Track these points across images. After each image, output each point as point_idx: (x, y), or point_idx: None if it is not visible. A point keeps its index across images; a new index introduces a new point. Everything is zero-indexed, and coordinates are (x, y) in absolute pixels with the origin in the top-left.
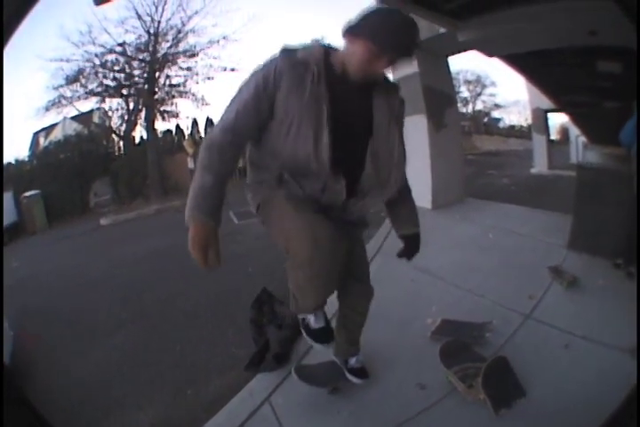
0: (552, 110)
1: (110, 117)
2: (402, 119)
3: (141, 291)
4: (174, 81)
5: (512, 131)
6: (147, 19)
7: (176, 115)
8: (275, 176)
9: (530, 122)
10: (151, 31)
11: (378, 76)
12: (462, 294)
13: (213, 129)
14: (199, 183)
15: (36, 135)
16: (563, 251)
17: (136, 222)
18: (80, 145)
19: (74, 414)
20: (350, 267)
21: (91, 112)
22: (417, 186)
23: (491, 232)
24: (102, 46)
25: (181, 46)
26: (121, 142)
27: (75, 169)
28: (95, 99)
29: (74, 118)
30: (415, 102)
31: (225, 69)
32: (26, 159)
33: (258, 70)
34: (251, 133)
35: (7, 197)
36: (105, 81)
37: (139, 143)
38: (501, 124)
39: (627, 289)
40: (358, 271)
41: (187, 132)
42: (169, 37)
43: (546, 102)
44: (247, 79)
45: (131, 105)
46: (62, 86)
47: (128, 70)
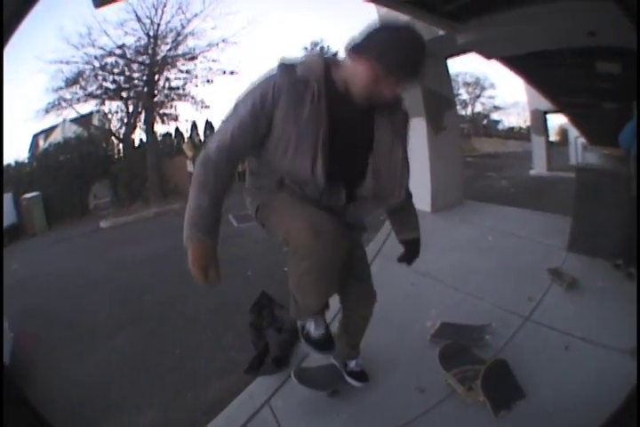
0: (551, 112)
1: (110, 120)
2: (406, 135)
3: (141, 293)
4: (174, 84)
5: (511, 133)
6: (146, 21)
7: (175, 118)
8: (275, 181)
9: (529, 124)
10: (151, 34)
11: (385, 98)
12: (462, 297)
13: (209, 145)
14: (196, 203)
15: (36, 137)
16: (562, 253)
17: (135, 225)
18: (80, 147)
19: (74, 414)
20: (351, 269)
21: (90, 114)
22: (416, 189)
23: (490, 234)
24: (102, 49)
25: (181, 49)
26: (120, 145)
27: (74, 171)
28: (95, 101)
29: (73, 121)
30: (414, 105)
31: (224, 72)
32: (25, 161)
33: (256, 86)
34: (247, 151)
35: (7, 199)
36: (104, 83)
37: (138, 146)
38: (500, 126)
39: (626, 290)
40: (360, 273)
41: (186, 135)
42: (168, 40)
43: (545, 104)
44: (244, 95)
45: (130, 108)
46: (62, 89)
47: (127, 73)
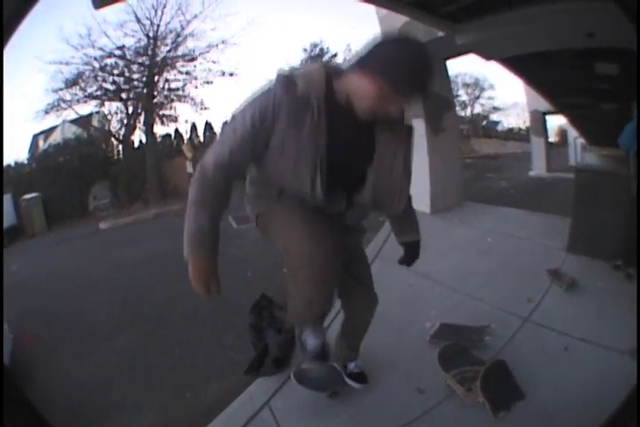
0: (550, 113)
1: (109, 121)
2: (409, 148)
3: (140, 294)
4: (173, 85)
5: (510, 134)
6: (146, 22)
7: (175, 119)
8: (274, 191)
9: (528, 124)
10: (150, 35)
11: (390, 115)
12: (461, 298)
13: (207, 162)
14: (195, 222)
15: (36, 138)
16: (562, 254)
17: (135, 226)
18: (79, 148)
19: (74, 414)
20: (352, 272)
21: (90, 116)
22: (415, 190)
23: (489, 236)
24: (101, 49)
25: (180, 50)
26: (120, 146)
27: (74, 172)
28: (94, 102)
29: (73, 122)
30: (413, 106)
31: (224, 74)
32: (25, 162)
33: (255, 102)
34: (245, 168)
35: (6, 200)
36: (104, 84)
37: (138, 147)
38: (500, 127)
39: (626, 291)
40: (361, 276)
41: (186, 136)
42: (168, 41)
43: (544, 105)
44: (243, 111)
45: (130, 109)
46: (61, 89)
47: (127, 74)
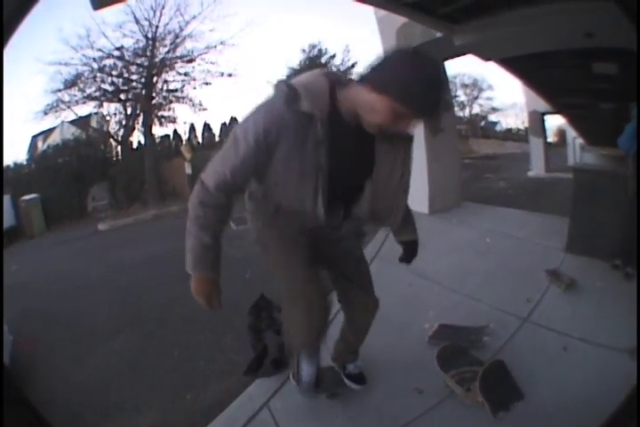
0: (549, 113)
1: (108, 122)
2: (409, 159)
3: (139, 295)
4: (172, 86)
5: (509, 134)
6: (145, 23)
7: (173, 120)
8: (272, 207)
9: (527, 125)
10: (149, 36)
11: (400, 132)
12: (460, 298)
13: (207, 180)
14: (197, 239)
15: (35, 139)
16: (560, 254)
17: (134, 228)
18: (78, 149)
19: (73, 415)
20: (352, 277)
21: (89, 116)
22: (414, 191)
23: (488, 236)
24: (100, 50)
25: (179, 51)
26: (119, 147)
27: (73, 173)
28: (93, 103)
29: (72, 122)
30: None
31: (222, 75)
32: (24, 163)
33: (258, 119)
34: (246, 185)
35: (5, 201)
36: (103, 85)
37: (136, 148)
38: (498, 127)
39: (625, 290)
40: (360, 280)
41: (184, 137)
42: (166, 42)
43: (542, 105)
44: (245, 126)
45: (128, 110)
46: (60, 90)
47: (126, 75)
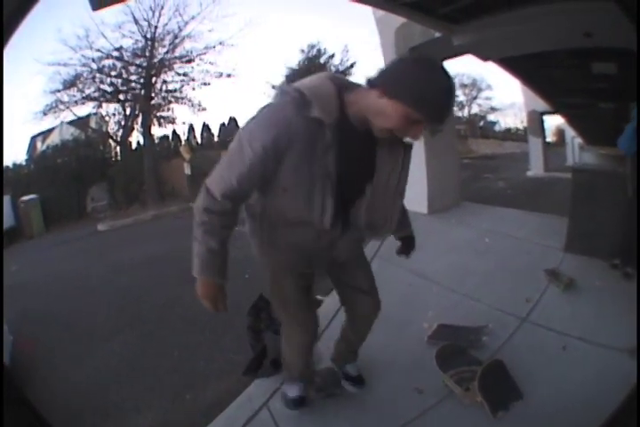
0: (548, 113)
1: (107, 122)
2: (407, 166)
3: (139, 296)
4: (171, 86)
5: (508, 134)
6: (144, 24)
7: (172, 120)
8: (271, 224)
9: (526, 125)
10: (148, 36)
11: (410, 138)
12: (459, 298)
13: (213, 186)
14: (204, 245)
15: (34, 139)
16: (559, 253)
17: (133, 228)
18: (77, 150)
19: (73, 415)
20: (355, 280)
21: (88, 117)
22: (413, 191)
23: (487, 236)
24: (99, 51)
25: (178, 52)
26: (118, 148)
27: (72, 174)
28: (92, 104)
29: (71, 123)
30: None
31: (221, 75)
32: (23, 163)
33: (266, 125)
34: (252, 192)
35: (5, 201)
36: (102, 86)
37: (135, 149)
38: (497, 127)
39: (624, 290)
40: (362, 284)
41: (183, 137)
42: (165, 43)
43: (541, 105)
44: (252, 132)
45: (127, 110)
46: (59, 91)
47: (125, 75)
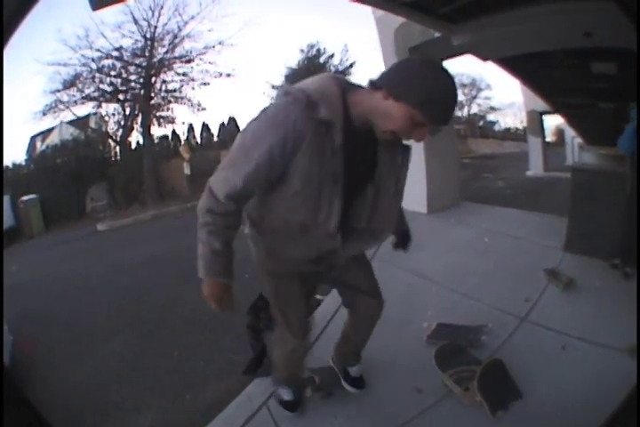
0: (547, 112)
1: (107, 122)
2: (406, 169)
3: (139, 296)
4: (170, 86)
5: (508, 133)
6: (143, 23)
7: (172, 120)
8: (272, 231)
9: (525, 124)
10: (147, 36)
11: (413, 140)
12: (458, 298)
13: (217, 187)
14: (209, 246)
15: (33, 139)
16: (559, 253)
17: (133, 228)
18: (77, 150)
19: (73, 415)
20: (357, 282)
21: (87, 117)
22: (412, 190)
23: (486, 236)
24: (99, 51)
25: (177, 51)
26: (117, 147)
27: (71, 174)
28: (92, 104)
29: (70, 123)
30: None
31: (221, 75)
32: (23, 163)
33: (273, 127)
34: (255, 193)
35: (5, 201)
36: (101, 86)
37: (135, 148)
38: (497, 127)
39: (623, 290)
40: (365, 285)
41: (183, 137)
42: (165, 42)
43: (541, 104)
44: (258, 133)
45: (127, 110)
46: (59, 91)
47: (124, 75)
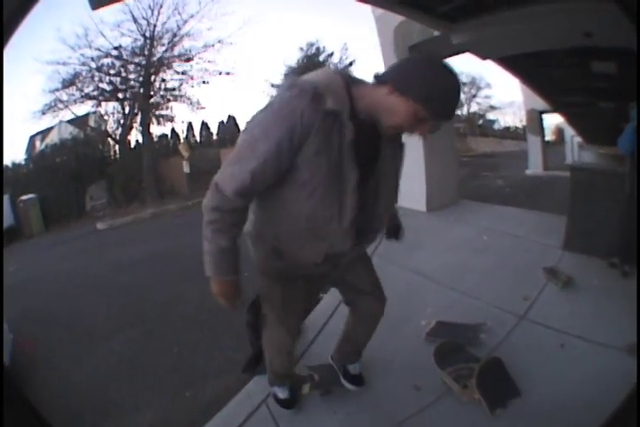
0: (547, 111)
1: (106, 121)
2: (401, 164)
3: (139, 295)
4: (170, 85)
5: (507, 132)
6: (142, 22)
7: (171, 119)
8: (270, 246)
9: (525, 123)
10: (147, 35)
11: (416, 134)
12: (457, 296)
13: (224, 183)
14: (215, 244)
15: (33, 138)
16: (558, 252)
17: (132, 226)
18: (76, 149)
19: (73, 415)
20: (357, 282)
21: (86, 116)
22: (411, 189)
23: (485, 234)
24: (98, 50)
25: (177, 50)
26: (117, 146)
27: (71, 173)
28: (91, 102)
29: (70, 122)
30: None
31: (220, 73)
32: (22, 162)
33: (279, 118)
34: (262, 189)
35: (4, 201)
36: (101, 85)
37: (134, 147)
38: (496, 125)
39: (622, 288)
40: (366, 284)
41: (182, 135)
42: (164, 41)
43: (540, 103)
44: (264, 126)
45: (126, 109)
46: (58, 90)
47: (124, 74)
